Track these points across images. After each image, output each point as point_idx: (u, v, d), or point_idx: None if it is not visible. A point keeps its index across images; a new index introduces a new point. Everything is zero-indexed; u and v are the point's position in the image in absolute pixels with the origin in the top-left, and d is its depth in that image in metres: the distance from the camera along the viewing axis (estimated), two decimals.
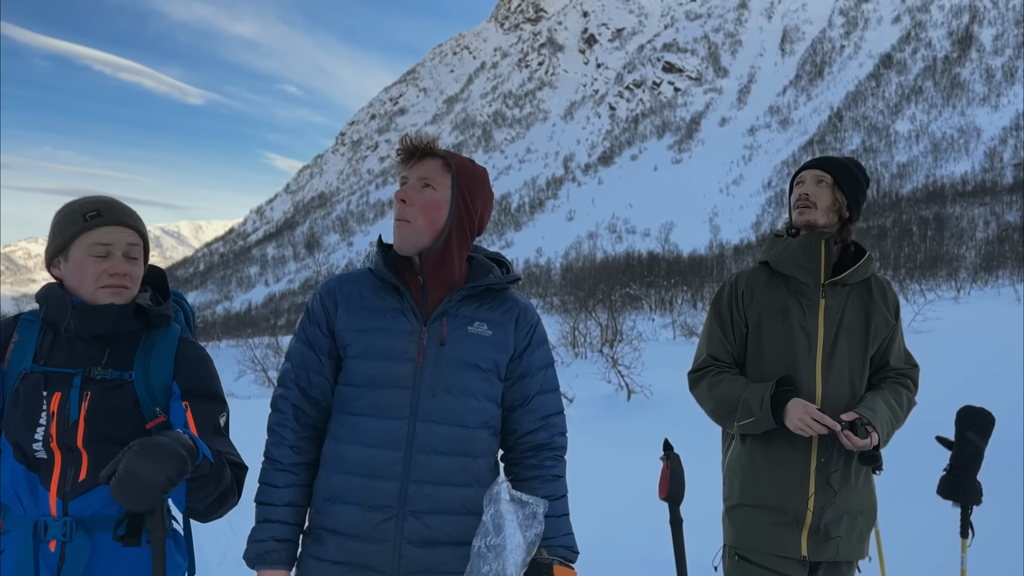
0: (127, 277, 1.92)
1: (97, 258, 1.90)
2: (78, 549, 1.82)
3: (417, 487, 1.83)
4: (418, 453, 1.84)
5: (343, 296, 1.93)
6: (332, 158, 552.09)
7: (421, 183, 1.92)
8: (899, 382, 2.64)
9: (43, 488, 1.83)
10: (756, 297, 2.65)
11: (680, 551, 2.46)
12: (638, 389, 13.54)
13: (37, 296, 1.97)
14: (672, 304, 45.89)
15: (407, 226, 1.90)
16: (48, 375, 1.86)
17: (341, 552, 1.83)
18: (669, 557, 2.46)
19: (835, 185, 2.60)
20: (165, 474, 1.56)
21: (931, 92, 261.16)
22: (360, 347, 1.87)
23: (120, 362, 1.92)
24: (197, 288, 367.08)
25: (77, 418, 1.83)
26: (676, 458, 2.47)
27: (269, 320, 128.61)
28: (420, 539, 1.83)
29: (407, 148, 1.94)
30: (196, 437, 1.75)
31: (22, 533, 1.82)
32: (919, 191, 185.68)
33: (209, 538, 6.30)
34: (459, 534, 1.85)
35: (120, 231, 1.93)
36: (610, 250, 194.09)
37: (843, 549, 2.52)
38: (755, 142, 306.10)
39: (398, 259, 1.96)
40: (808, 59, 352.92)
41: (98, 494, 1.85)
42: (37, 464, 1.83)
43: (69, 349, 1.89)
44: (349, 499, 1.83)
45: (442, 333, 1.90)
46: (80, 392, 1.85)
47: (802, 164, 2.72)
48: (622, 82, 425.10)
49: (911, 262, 71.68)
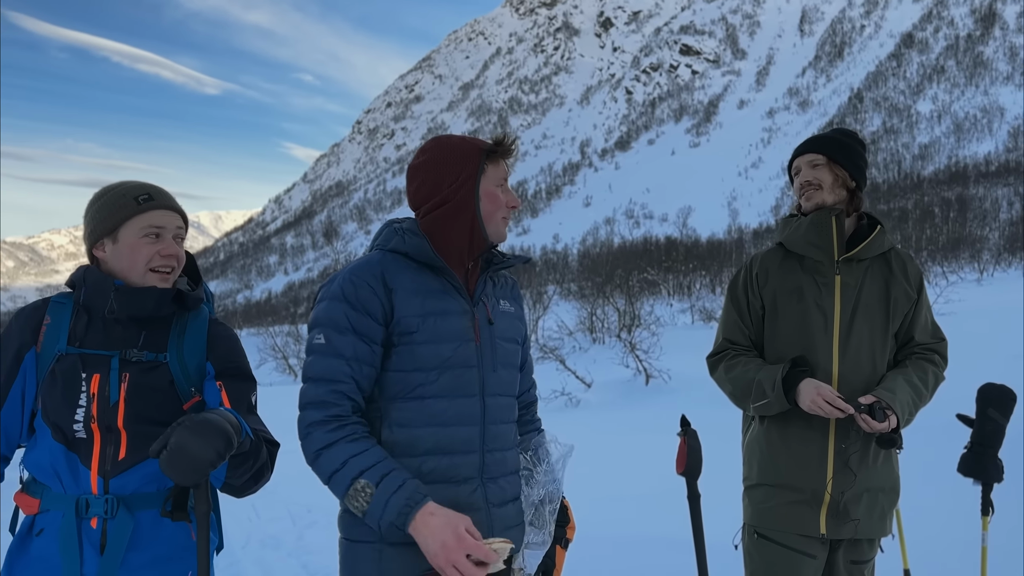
0: (176, 259, 1.98)
1: (150, 240, 1.94)
2: (120, 526, 1.85)
3: (491, 455, 1.94)
4: (490, 424, 1.94)
5: (395, 283, 1.90)
6: (349, 146, 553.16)
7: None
8: (925, 358, 2.60)
9: (83, 467, 1.86)
10: (771, 278, 2.64)
11: (698, 526, 2.46)
12: (656, 374, 13.56)
13: (71, 279, 1.99)
14: (690, 289, 45.76)
15: (507, 222, 2.04)
16: (85, 357, 1.88)
17: None
18: (687, 536, 2.47)
19: (830, 162, 2.58)
20: (215, 448, 1.60)
21: (953, 71, 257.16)
22: (427, 331, 1.88)
23: (155, 344, 1.95)
24: (218, 277, 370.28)
25: (117, 399, 1.87)
26: (693, 433, 2.48)
27: (289, 308, 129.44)
28: (499, 501, 1.94)
29: (511, 147, 2.01)
30: (238, 414, 1.78)
31: (63, 512, 1.85)
32: (941, 172, 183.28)
33: (234, 522, 6.41)
34: (516, 491, 2.02)
35: (170, 215, 1.98)
36: (627, 235, 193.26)
37: (863, 527, 2.50)
38: (774, 124, 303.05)
39: (431, 243, 1.97)
40: (828, 39, 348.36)
41: (138, 472, 1.89)
42: (77, 444, 1.86)
43: (105, 331, 1.92)
44: (432, 478, 1.86)
45: (487, 311, 2.00)
46: (119, 374, 1.89)
47: (792, 153, 2.71)
48: (639, 65, 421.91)
49: (933, 244, 70.97)
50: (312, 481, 1.80)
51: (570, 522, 2.15)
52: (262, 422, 2.04)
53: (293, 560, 5.36)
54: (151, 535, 1.90)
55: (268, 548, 5.68)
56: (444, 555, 1.66)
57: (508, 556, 1.71)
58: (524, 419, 2.23)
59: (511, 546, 1.72)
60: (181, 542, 1.94)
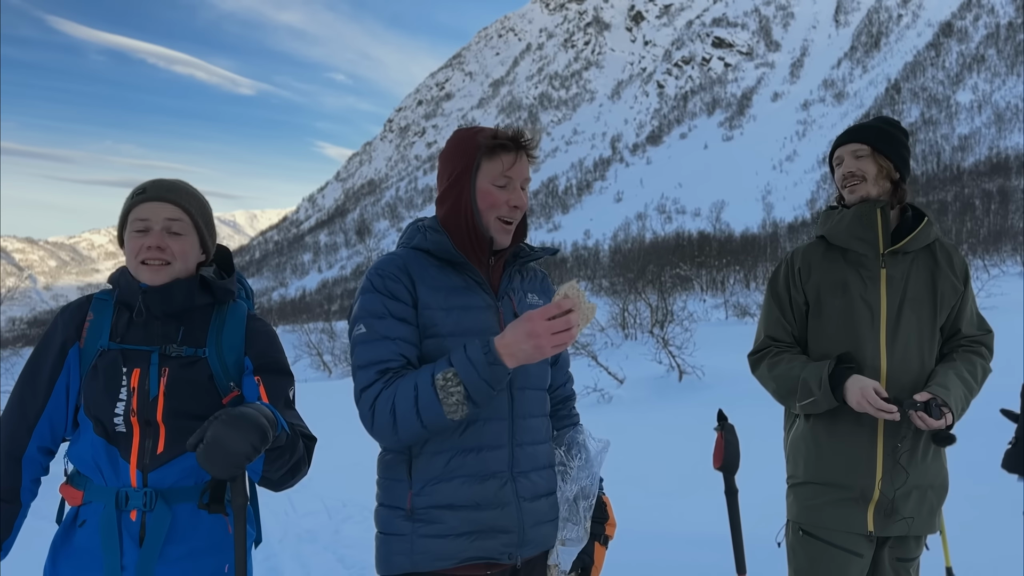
0: (164, 251, 1.94)
1: (137, 233, 1.95)
2: (159, 518, 1.88)
3: (520, 449, 1.92)
4: (519, 419, 1.93)
5: (418, 276, 1.91)
6: (380, 145, 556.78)
7: (523, 184, 2.00)
8: (972, 350, 2.54)
9: (123, 460, 1.89)
10: (814, 272, 2.57)
11: (736, 521, 2.42)
12: (690, 370, 13.45)
13: (110, 278, 2.04)
14: (724, 284, 45.34)
15: (507, 225, 2.00)
16: (126, 352, 1.92)
17: (465, 523, 1.86)
18: (724, 534, 2.41)
19: (875, 152, 2.50)
20: (251, 442, 1.63)
21: (994, 60, 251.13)
22: (450, 325, 1.88)
23: (194, 339, 1.98)
24: (253, 276, 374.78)
25: (157, 393, 1.90)
26: (730, 428, 2.44)
27: (323, 306, 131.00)
28: (530, 495, 1.93)
29: (513, 139, 1.94)
30: (274, 409, 1.81)
31: (104, 503, 1.89)
32: (982, 163, 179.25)
33: (271, 516, 6.51)
34: (550, 485, 2.00)
35: (160, 206, 1.96)
36: (659, 231, 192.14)
37: (913, 524, 2.46)
38: (809, 117, 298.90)
39: (451, 239, 1.97)
40: (863, 30, 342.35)
41: (176, 466, 1.91)
42: (117, 437, 1.89)
43: (145, 327, 1.96)
44: (461, 473, 1.86)
45: (512, 305, 1.99)
46: (159, 368, 1.92)
47: (834, 142, 2.63)
48: (670, 59, 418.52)
49: (974, 237, 69.47)
50: (348, 476, 1.88)
51: (609, 519, 2.11)
52: (300, 417, 2.06)
53: (329, 554, 5.41)
54: (189, 528, 1.92)
55: (305, 542, 5.74)
56: (535, 340, 1.68)
57: (576, 293, 1.72)
58: (560, 414, 2.20)
59: (574, 281, 1.75)
60: (218, 535, 1.97)
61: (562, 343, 1.69)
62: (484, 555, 1.87)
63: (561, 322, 1.67)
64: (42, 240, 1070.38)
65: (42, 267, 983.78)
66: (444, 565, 1.85)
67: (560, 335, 1.67)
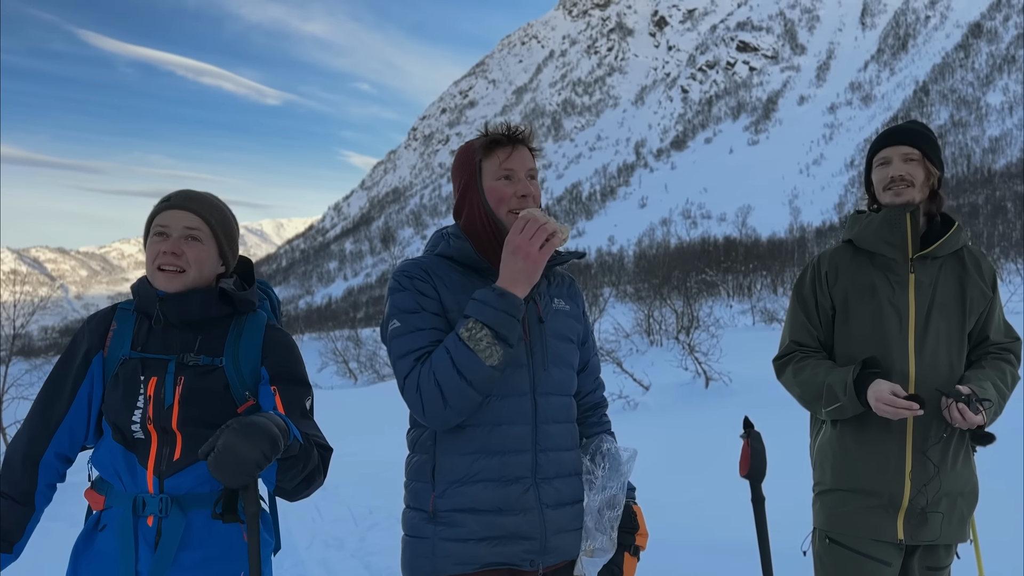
0: (179, 257, 1.97)
1: (157, 238, 1.99)
2: (173, 524, 1.90)
3: (544, 456, 1.92)
4: (542, 424, 1.93)
5: (439, 279, 1.94)
6: (404, 153, 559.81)
7: (529, 175, 2.00)
8: (1001, 357, 2.51)
9: (141, 467, 1.92)
10: (841, 276, 2.54)
11: (763, 529, 2.42)
12: (716, 376, 13.34)
13: (132, 287, 2.07)
14: (751, 290, 44.86)
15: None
16: (145, 361, 1.96)
17: (486, 528, 1.86)
18: (750, 542, 2.40)
19: (925, 158, 2.46)
20: (261, 451, 1.63)
21: None
22: None
23: (211, 348, 2.00)
24: (280, 284, 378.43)
25: (172, 402, 1.92)
26: (757, 435, 2.44)
27: (348, 313, 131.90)
28: (553, 502, 1.92)
29: (505, 135, 1.99)
30: (287, 418, 1.82)
31: (122, 508, 1.92)
32: (1013, 166, 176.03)
33: (298, 521, 6.55)
34: (575, 494, 1.98)
35: (181, 214, 2.00)
36: (684, 236, 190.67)
37: (944, 532, 2.42)
38: (836, 120, 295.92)
39: (473, 245, 1.99)
40: (891, 32, 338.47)
41: (192, 473, 1.94)
42: (135, 444, 1.93)
43: (164, 336, 1.99)
44: (483, 477, 1.87)
45: (537, 311, 1.98)
46: (174, 377, 1.94)
47: (879, 139, 2.56)
48: (694, 64, 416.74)
49: (1006, 240, 68.11)
50: (374, 482, 1.88)
51: (640, 529, 2.05)
52: (317, 427, 2.06)
53: (355, 560, 5.43)
54: (203, 535, 1.94)
55: (331, 548, 5.77)
56: (520, 253, 1.79)
57: (540, 212, 1.79)
58: (590, 421, 2.17)
59: (569, 229, 1.79)
60: (233, 542, 1.98)
61: (545, 240, 1.75)
62: (505, 561, 1.87)
63: (531, 224, 1.71)
64: (73, 250, 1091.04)
65: (73, 277, 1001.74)
66: (466, 570, 1.85)
67: (538, 234, 1.72)
